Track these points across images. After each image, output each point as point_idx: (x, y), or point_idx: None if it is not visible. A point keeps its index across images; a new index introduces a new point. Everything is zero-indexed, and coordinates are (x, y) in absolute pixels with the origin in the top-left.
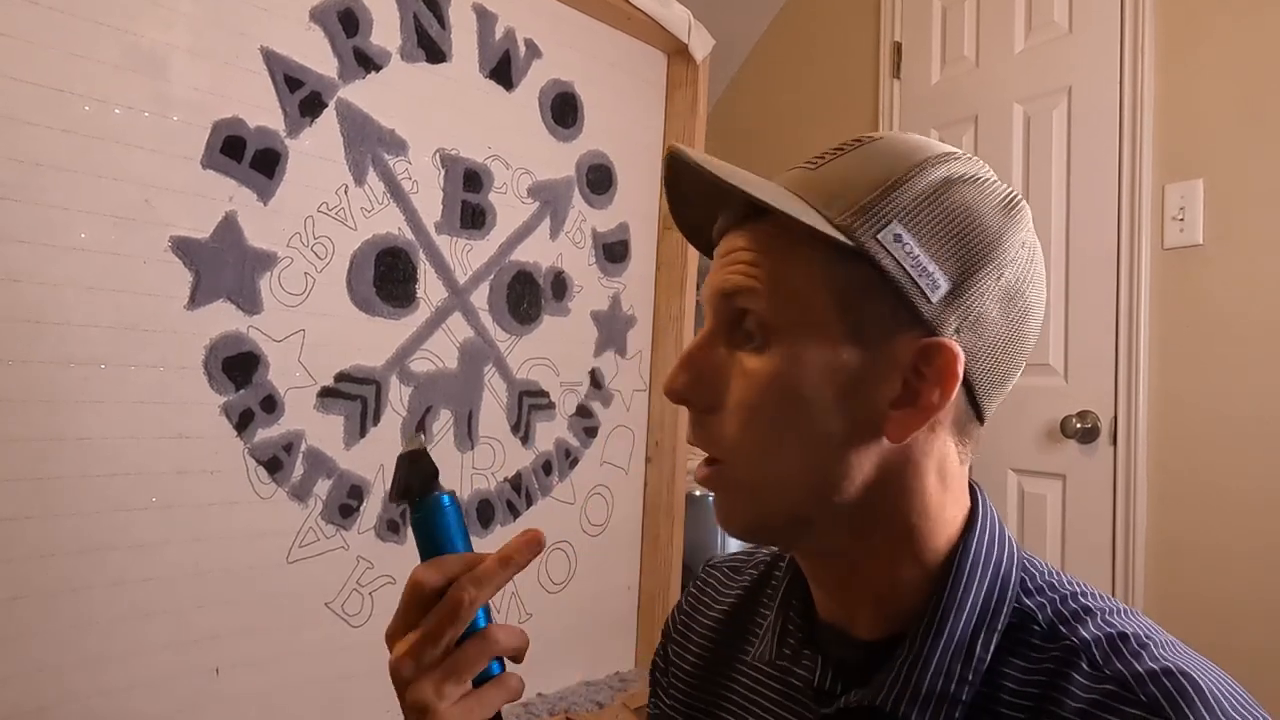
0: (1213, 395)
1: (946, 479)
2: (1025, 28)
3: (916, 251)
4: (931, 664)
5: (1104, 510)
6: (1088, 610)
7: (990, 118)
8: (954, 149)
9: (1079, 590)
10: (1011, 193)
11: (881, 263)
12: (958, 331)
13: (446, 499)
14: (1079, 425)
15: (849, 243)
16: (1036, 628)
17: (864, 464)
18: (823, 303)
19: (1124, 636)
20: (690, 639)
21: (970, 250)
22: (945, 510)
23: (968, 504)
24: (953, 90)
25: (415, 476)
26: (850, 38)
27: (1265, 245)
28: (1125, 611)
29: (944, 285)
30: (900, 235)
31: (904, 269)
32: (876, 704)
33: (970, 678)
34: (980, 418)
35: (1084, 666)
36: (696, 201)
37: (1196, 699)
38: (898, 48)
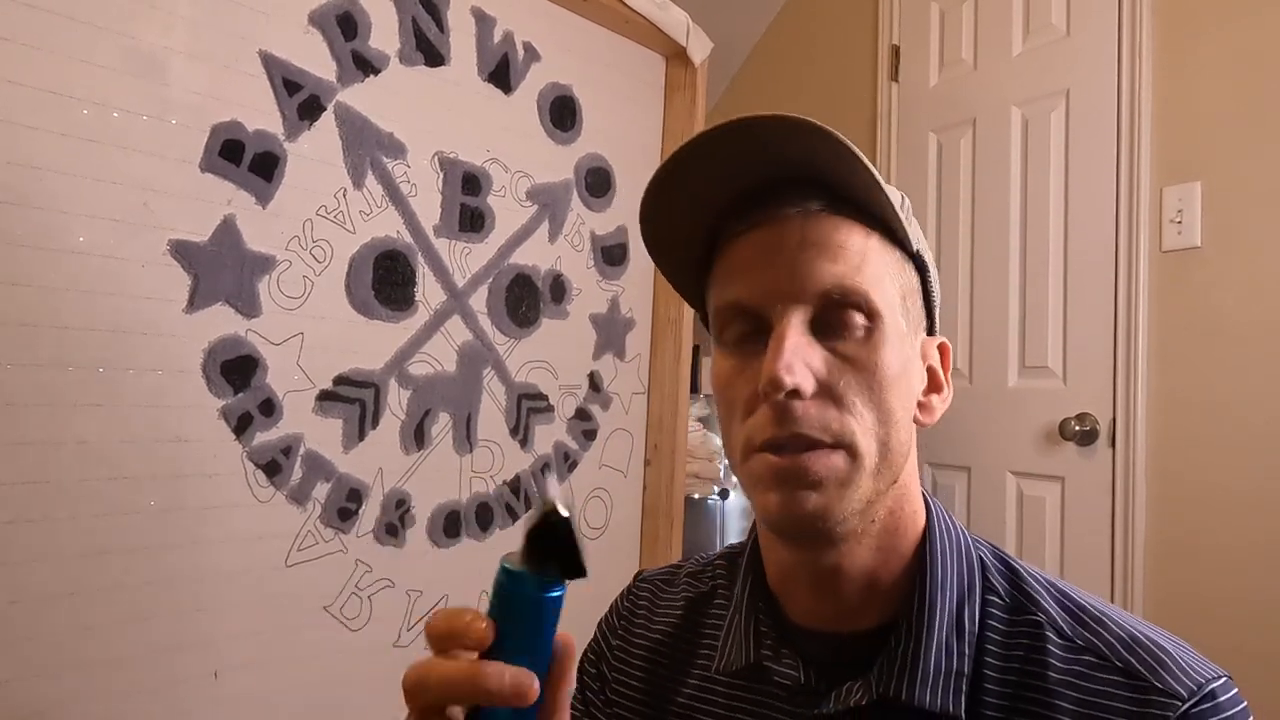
0: (1211, 397)
1: None
2: (1023, 30)
3: (928, 259)
4: (933, 643)
5: (1103, 512)
6: (1038, 580)
7: (988, 120)
8: None
9: (1022, 565)
10: None
11: (929, 268)
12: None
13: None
14: (1077, 428)
15: (915, 247)
16: (999, 600)
17: (910, 447)
18: (899, 300)
19: (1082, 608)
20: (631, 656)
21: (930, 261)
22: (919, 496)
23: None
24: (951, 93)
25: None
26: (848, 41)
27: (1263, 247)
28: (1065, 583)
29: (937, 294)
30: (921, 243)
31: (933, 275)
32: (891, 695)
33: (967, 650)
34: None
35: (1055, 638)
36: (715, 181)
37: (1168, 661)
38: (896, 50)
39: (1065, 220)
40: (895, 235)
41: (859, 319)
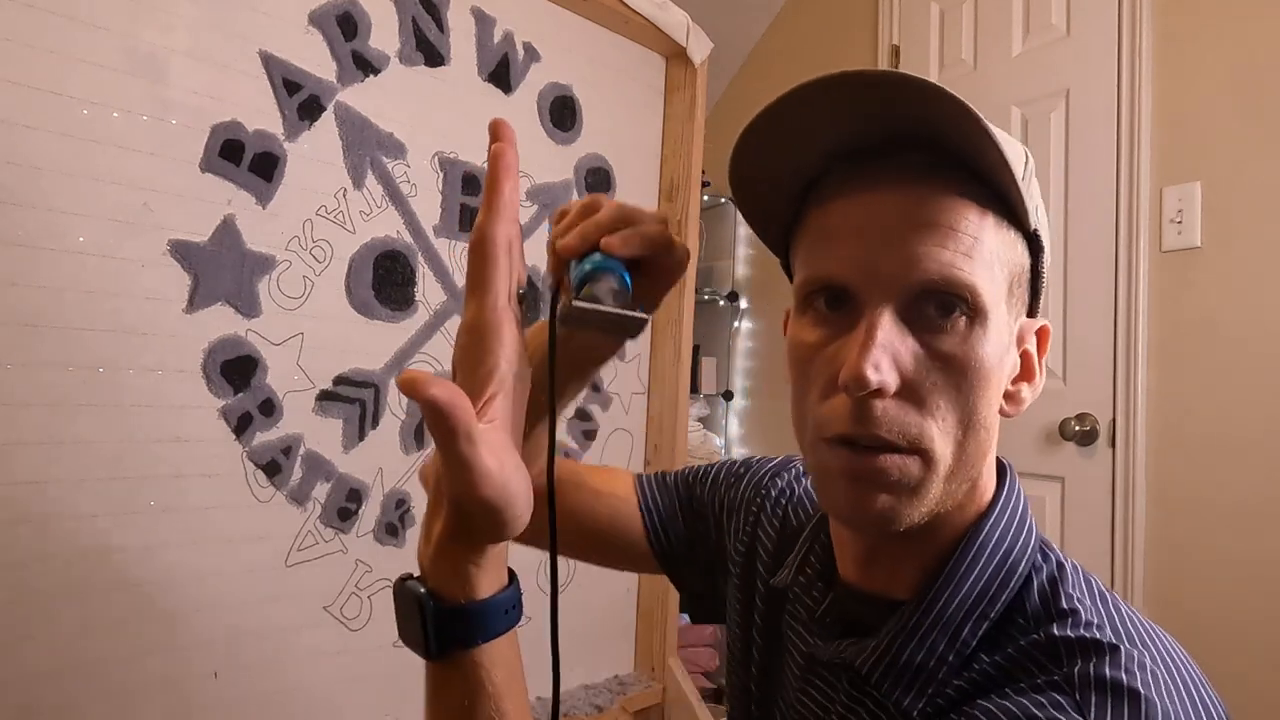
0: (1211, 398)
1: None
2: (1023, 30)
3: (1044, 236)
4: (916, 638)
5: (1102, 513)
6: (1074, 613)
7: (988, 121)
8: None
9: (1076, 594)
10: None
11: (1045, 247)
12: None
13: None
14: (1077, 428)
15: (1033, 225)
16: (1021, 620)
17: (991, 445)
18: (1004, 280)
19: (1097, 644)
20: (768, 524)
21: (1046, 238)
22: (990, 481)
23: (994, 477)
24: None
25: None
26: (848, 40)
27: (1263, 248)
28: (1126, 632)
29: (1045, 273)
30: (1040, 217)
31: (1046, 255)
32: (855, 665)
33: (951, 659)
34: None
35: (1044, 660)
36: (816, 135)
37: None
38: (895, 50)
39: (1065, 220)
40: (1014, 212)
41: (960, 313)
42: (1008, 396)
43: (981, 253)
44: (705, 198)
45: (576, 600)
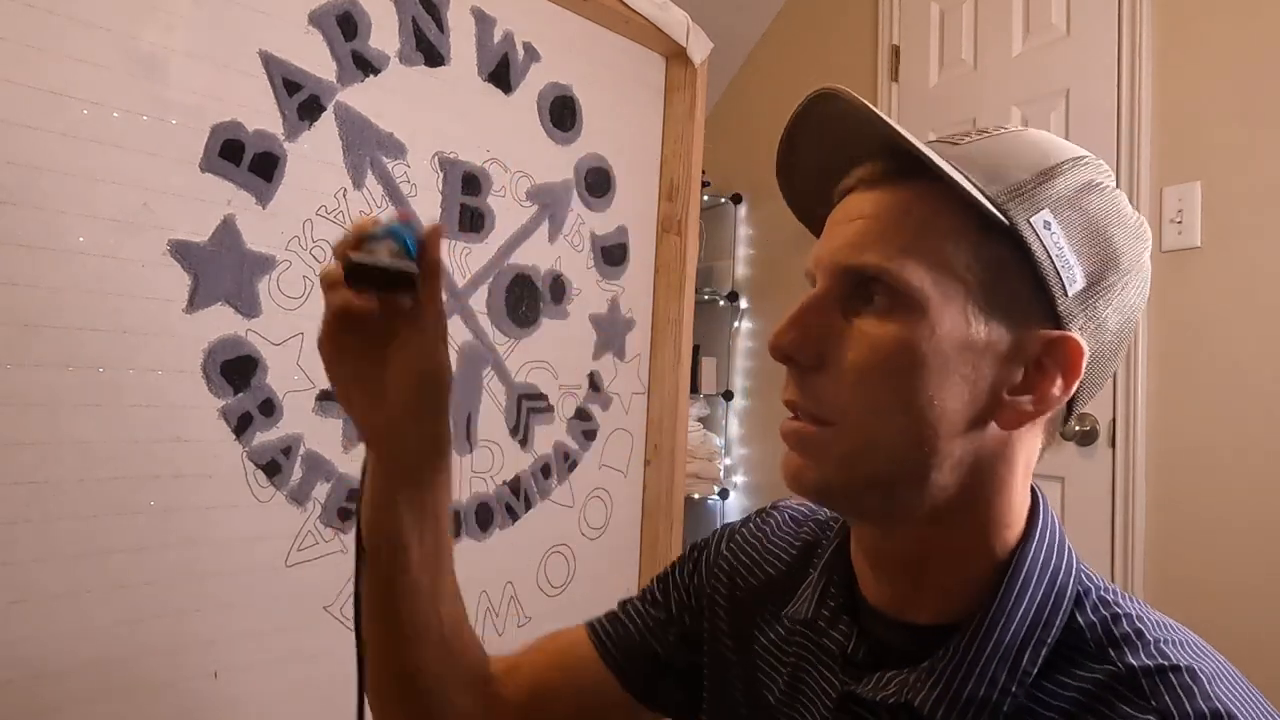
0: (1210, 398)
1: (1027, 476)
2: (1023, 30)
3: (1062, 242)
4: (976, 669)
5: (1103, 512)
6: (1140, 635)
7: (988, 121)
8: (1088, 153)
9: (1134, 612)
10: (1140, 218)
11: (1032, 246)
12: (1081, 331)
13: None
14: (1077, 428)
15: (1003, 221)
16: (1084, 646)
17: (968, 447)
18: (964, 277)
19: (1175, 669)
20: (739, 575)
21: (1105, 255)
22: (1018, 508)
23: (1029, 504)
24: (951, 93)
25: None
26: (848, 41)
27: (1263, 247)
28: (1181, 641)
29: (1080, 281)
30: (1050, 223)
31: (1050, 256)
32: (915, 705)
33: (1014, 689)
34: (1067, 420)
35: (1129, 695)
36: (809, 157)
37: None
38: (896, 51)
39: None
40: (985, 211)
41: (880, 297)
42: (1002, 406)
43: (922, 242)
44: (705, 198)
45: (576, 599)
